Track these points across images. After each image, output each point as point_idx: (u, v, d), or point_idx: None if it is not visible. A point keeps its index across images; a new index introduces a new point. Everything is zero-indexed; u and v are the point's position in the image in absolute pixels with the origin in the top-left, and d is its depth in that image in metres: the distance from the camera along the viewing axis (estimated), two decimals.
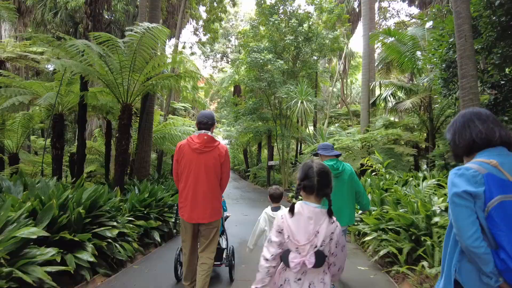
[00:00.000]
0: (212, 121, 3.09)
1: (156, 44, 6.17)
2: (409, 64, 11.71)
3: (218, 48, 30.09)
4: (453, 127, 1.62)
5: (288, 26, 15.23)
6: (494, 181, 1.37)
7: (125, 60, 6.20)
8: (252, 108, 16.14)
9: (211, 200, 3.06)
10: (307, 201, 1.71)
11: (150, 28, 5.60)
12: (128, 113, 7.01)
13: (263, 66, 14.85)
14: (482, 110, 1.58)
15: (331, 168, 3.23)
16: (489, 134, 1.48)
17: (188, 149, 3.00)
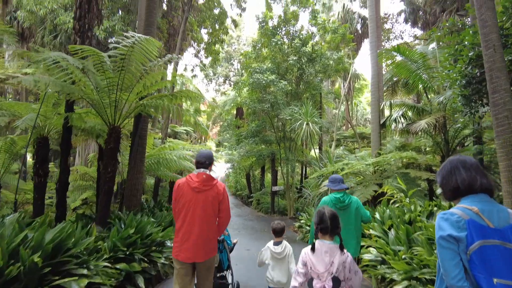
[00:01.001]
0: (210, 160, 3.20)
1: (146, 59, 5.54)
2: (420, 82, 11.10)
3: (221, 72, 29.96)
4: (441, 172, 1.77)
5: (291, 46, 14.84)
6: (475, 227, 1.51)
7: (111, 77, 5.56)
8: (254, 131, 15.47)
9: (208, 240, 3.08)
10: (323, 239, 2.24)
11: (138, 40, 4.97)
12: (115, 136, 6.29)
13: (266, 87, 14.32)
14: (468, 158, 1.71)
15: (338, 201, 3.65)
16: (472, 181, 1.62)
17: (187, 187, 3.06)
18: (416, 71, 10.67)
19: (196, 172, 3.12)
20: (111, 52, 5.03)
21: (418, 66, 10.73)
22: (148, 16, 8.00)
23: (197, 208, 3.03)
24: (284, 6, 15.45)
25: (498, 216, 1.54)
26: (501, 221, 1.53)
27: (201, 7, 16.98)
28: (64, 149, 6.78)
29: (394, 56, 10.80)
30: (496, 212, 1.55)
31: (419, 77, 10.71)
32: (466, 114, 7.33)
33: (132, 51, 5.31)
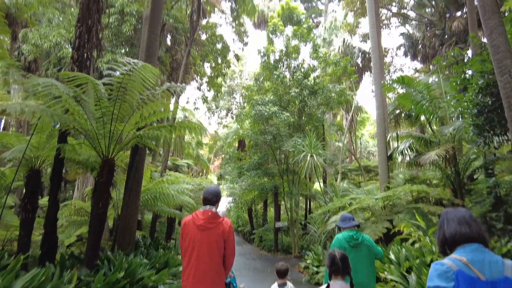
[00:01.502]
0: (217, 197, 3.15)
1: (143, 87, 5.29)
2: (426, 113, 10.84)
3: (223, 105, 30.16)
4: (439, 223, 1.81)
5: (293, 79, 14.86)
6: (464, 278, 1.50)
7: (106, 106, 5.28)
8: (256, 163, 15.06)
9: (213, 278, 2.99)
10: (336, 280, 2.52)
11: (135, 67, 4.74)
12: (108, 168, 5.91)
13: (268, 119, 14.13)
14: (462, 210, 1.75)
15: (350, 239, 3.71)
16: (453, 232, 1.66)
17: (193, 225, 3.02)
18: (421, 101, 10.45)
19: (202, 209, 3.09)
20: (106, 79, 4.79)
21: (423, 97, 10.54)
22: (149, 47, 7.93)
23: (202, 246, 2.98)
24: (286, 40, 15.68)
25: (490, 267, 1.51)
26: (493, 273, 1.50)
27: (204, 42, 17.31)
28: (55, 182, 6.36)
29: (397, 88, 10.66)
30: (488, 263, 1.52)
31: (425, 107, 10.46)
32: (480, 144, 6.97)
33: (129, 79, 5.08)
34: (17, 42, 16.63)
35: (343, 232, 3.79)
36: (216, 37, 16.94)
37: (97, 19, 6.76)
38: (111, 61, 11.59)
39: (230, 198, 21.87)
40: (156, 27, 7.93)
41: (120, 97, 5.33)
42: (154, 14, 7.94)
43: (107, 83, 4.86)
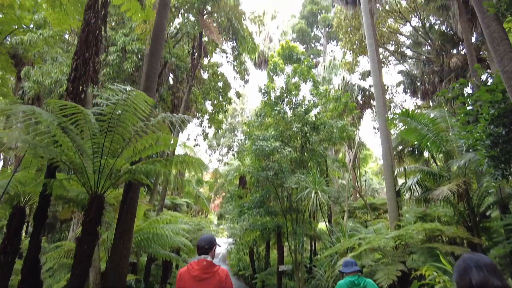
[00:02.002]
0: (211, 245, 3.10)
1: (136, 118, 4.99)
2: (433, 147, 10.50)
3: (224, 142, 30.04)
4: (456, 269, 1.76)
5: (294, 114, 14.75)
6: None
7: (97, 138, 4.95)
8: (258, 201, 14.43)
9: None
10: None
11: (129, 96, 4.48)
12: (97, 205, 5.44)
13: (270, 155, 13.78)
14: (481, 257, 1.71)
15: (353, 284, 3.72)
16: (484, 282, 1.59)
17: (188, 276, 2.94)
18: (427, 135, 10.15)
19: (197, 259, 3.03)
20: (96, 109, 4.50)
21: (429, 130, 10.26)
22: (147, 81, 7.80)
23: None
24: (286, 77, 15.81)
25: None
26: None
27: (206, 81, 17.52)
28: (38, 221, 5.85)
29: (399, 124, 10.42)
30: None
31: (431, 140, 10.13)
32: (497, 177, 6.53)
33: (122, 109, 4.80)
34: (21, 82, 16.87)
35: (345, 278, 3.86)
36: (217, 75, 17.15)
37: (95, 52, 6.67)
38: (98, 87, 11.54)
39: (230, 239, 20.88)
40: (155, 60, 7.86)
41: (112, 128, 5.02)
42: (154, 47, 7.91)
43: (97, 112, 4.57)
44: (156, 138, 6.20)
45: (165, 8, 8.45)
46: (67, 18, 9.20)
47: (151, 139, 5.97)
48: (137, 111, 5.00)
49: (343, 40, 22.33)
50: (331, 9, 30.48)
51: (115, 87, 4.40)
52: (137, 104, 4.82)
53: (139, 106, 4.88)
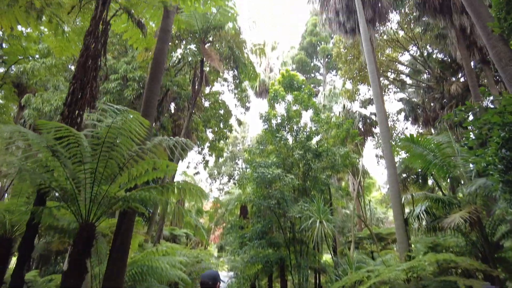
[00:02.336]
0: (214, 281, 3.09)
1: (130, 142, 4.75)
2: (440, 173, 10.15)
3: (225, 171, 29.68)
4: None
5: (295, 141, 14.55)
6: None
7: (89, 163, 4.68)
8: (260, 232, 13.84)
9: None
10: None
11: (123, 118, 4.27)
12: (87, 236, 5.06)
13: (271, 183, 13.41)
14: None
15: None
16: None
17: None
18: (434, 161, 9.84)
19: None
20: (88, 131, 4.28)
21: (435, 156, 9.97)
22: (146, 105, 7.67)
23: None
24: (287, 105, 15.80)
25: None
26: None
27: (207, 109, 17.53)
28: (23, 252, 5.44)
29: (406, 147, 10.17)
30: None
31: (438, 166, 9.80)
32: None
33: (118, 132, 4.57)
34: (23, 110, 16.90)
35: None
36: (218, 103, 17.18)
37: (93, 77, 6.57)
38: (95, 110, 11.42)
39: (231, 273, 19.92)
40: (155, 85, 7.78)
41: (105, 153, 4.76)
42: (155, 72, 7.85)
43: (90, 135, 4.34)
44: (152, 164, 5.93)
45: (166, 34, 8.50)
46: (69, 46, 9.26)
47: (147, 164, 5.69)
48: (133, 134, 4.77)
49: (343, 69, 22.64)
50: (330, 40, 31.30)
51: (108, 107, 4.20)
52: (133, 126, 4.60)
53: (134, 129, 4.66)
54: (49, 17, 8.09)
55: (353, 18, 14.80)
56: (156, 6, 8.78)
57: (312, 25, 31.27)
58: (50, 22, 8.23)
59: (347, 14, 14.95)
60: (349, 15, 14.92)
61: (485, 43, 5.25)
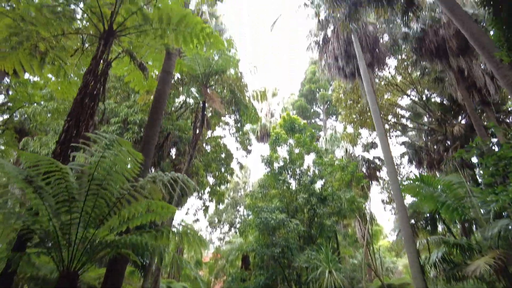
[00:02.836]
0: None
1: (123, 179, 4.38)
2: (455, 215, 9.51)
3: (226, 218, 28.60)
4: None
5: (299, 184, 14.06)
6: None
7: (76, 201, 4.26)
8: (263, 285, 12.74)
9: None
10: None
11: (114, 150, 3.94)
12: (69, 286, 4.45)
13: (275, 229, 12.65)
14: None
15: None
16: None
17: None
18: (446, 201, 9.27)
19: None
20: (75, 164, 3.92)
21: (447, 197, 9.43)
22: (146, 145, 7.39)
23: None
24: (289, 147, 15.59)
25: None
26: None
27: (208, 153, 17.28)
28: None
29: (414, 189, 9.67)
30: None
31: (452, 208, 9.20)
32: None
33: (109, 168, 4.22)
34: None
35: None
36: (220, 147, 16.98)
37: (90, 115, 6.38)
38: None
39: None
40: (155, 124, 7.58)
41: (94, 190, 4.36)
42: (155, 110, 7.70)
43: (77, 169, 3.98)
44: (146, 205, 5.46)
45: (168, 75, 8.53)
46: (71, 88, 9.26)
47: (140, 205, 5.23)
48: (125, 170, 4.40)
49: (343, 114, 22.81)
50: (329, 87, 32.14)
51: (96, 135, 3.88)
52: (125, 160, 4.25)
53: (126, 164, 4.30)
54: (52, 59, 8.16)
55: (352, 62, 15.19)
56: (159, 49, 8.91)
57: (311, 73, 32.34)
58: (53, 64, 8.29)
59: (346, 59, 15.37)
60: (348, 60, 15.34)
61: (494, 74, 5.10)
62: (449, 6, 6.25)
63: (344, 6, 9.42)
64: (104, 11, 7.36)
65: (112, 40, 7.38)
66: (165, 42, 8.56)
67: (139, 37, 8.26)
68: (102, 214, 4.76)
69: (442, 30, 13.11)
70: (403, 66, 20.12)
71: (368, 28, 14.89)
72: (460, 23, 5.91)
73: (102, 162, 4.03)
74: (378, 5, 9.45)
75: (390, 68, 20.99)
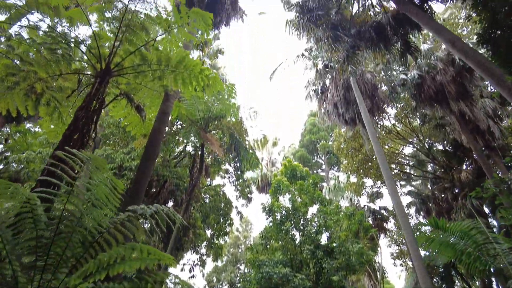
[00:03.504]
0: None
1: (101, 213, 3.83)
2: (479, 264, 8.53)
3: (225, 277, 26.58)
4: None
5: (303, 235, 13.09)
6: None
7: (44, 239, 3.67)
8: None
9: None
10: None
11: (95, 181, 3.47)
12: None
13: (278, 286, 11.43)
14: None
15: None
16: None
17: None
18: (467, 249, 8.37)
19: None
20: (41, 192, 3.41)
21: (466, 244, 8.56)
22: (136, 185, 6.87)
23: None
24: (291, 195, 14.88)
25: None
26: None
27: (206, 205, 16.54)
28: None
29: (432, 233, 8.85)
30: None
31: (474, 256, 8.27)
32: None
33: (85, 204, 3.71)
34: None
35: None
36: (219, 196, 16.30)
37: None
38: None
39: None
40: (149, 163, 7.15)
41: (67, 227, 3.79)
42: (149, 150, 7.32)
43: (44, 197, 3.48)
44: (130, 248, 4.79)
45: (165, 116, 8.34)
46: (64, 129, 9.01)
47: (123, 249, 4.56)
48: (104, 204, 3.87)
49: (345, 163, 22.44)
50: (329, 138, 32.26)
51: (72, 157, 3.43)
52: (104, 191, 3.74)
53: (106, 195, 3.79)
54: (48, 100, 8.03)
55: (351, 108, 15.23)
56: (157, 91, 8.83)
57: (310, 125, 32.69)
58: (48, 105, 8.13)
59: (346, 105, 15.44)
60: (348, 106, 15.40)
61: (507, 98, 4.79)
62: (450, 39, 6.24)
63: (342, 49, 9.62)
64: (102, 52, 7.39)
65: (108, 79, 7.27)
66: (163, 83, 8.52)
67: (137, 78, 8.22)
68: (76, 257, 4.10)
69: (439, 76, 13.31)
70: (403, 114, 20.25)
71: (366, 75, 15.20)
72: (463, 54, 5.82)
73: (76, 191, 3.52)
74: (375, 49, 9.64)
75: (390, 117, 21.15)
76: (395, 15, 9.13)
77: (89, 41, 7.49)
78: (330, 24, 9.24)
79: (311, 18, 9.14)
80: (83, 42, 7.46)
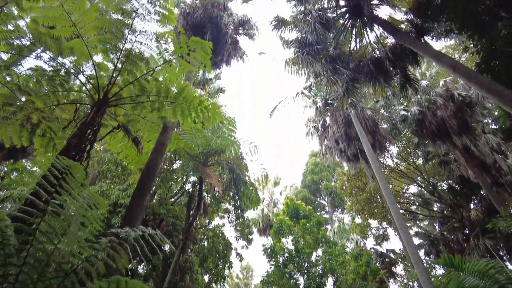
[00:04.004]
0: None
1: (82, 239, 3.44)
2: None
3: None
4: None
5: (308, 278, 12.18)
6: None
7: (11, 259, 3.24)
8: None
9: None
10: None
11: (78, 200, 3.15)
12: None
13: None
14: None
15: None
16: None
17: None
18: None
19: None
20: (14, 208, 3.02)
21: (486, 284, 7.81)
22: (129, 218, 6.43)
23: None
24: (294, 235, 14.14)
25: None
26: None
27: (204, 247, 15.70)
28: None
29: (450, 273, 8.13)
30: None
31: None
32: None
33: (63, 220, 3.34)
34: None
35: None
36: (218, 237, 15.50)
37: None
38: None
39: None
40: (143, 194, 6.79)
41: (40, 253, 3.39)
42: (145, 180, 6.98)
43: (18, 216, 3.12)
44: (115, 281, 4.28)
45: (162, 147, 8.12)
46: None
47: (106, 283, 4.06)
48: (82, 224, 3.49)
49: (349, 203, 21.74)
50: (332, 178, 31.72)
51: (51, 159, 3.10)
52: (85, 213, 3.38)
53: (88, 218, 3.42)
54: (44, 131, 7.86)
55: (353, 144, 15.03)
56: (156, 123, 8.70)
57: (312, 165, 32.35)
58: (44, 136, 7.95)
59: (347, 142, 15.26)
60: (349, 142, 15.22)
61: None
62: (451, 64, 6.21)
63: (341, 82, 9.67)
64: (101, 82, 7.37)
65: (105, 109, 7.17)
66: (162, 114, 8.41)
67: (135, 109, 8.12)
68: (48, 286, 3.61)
69: (439, 111, 13.29)
70: (405, 152, 20.00)
71: (366, 112, 15.24)
72: (466, 77, 5.74)
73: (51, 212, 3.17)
74: (375, 83, 9.69)
75: (392, 155, 20.88)
76: (393, 49, 9.32)
77: (88, 72, 7.51)
78: (328, 57, 9.40)
79: (310, 52, 9.34)
80: (83, 72, 7.48)
